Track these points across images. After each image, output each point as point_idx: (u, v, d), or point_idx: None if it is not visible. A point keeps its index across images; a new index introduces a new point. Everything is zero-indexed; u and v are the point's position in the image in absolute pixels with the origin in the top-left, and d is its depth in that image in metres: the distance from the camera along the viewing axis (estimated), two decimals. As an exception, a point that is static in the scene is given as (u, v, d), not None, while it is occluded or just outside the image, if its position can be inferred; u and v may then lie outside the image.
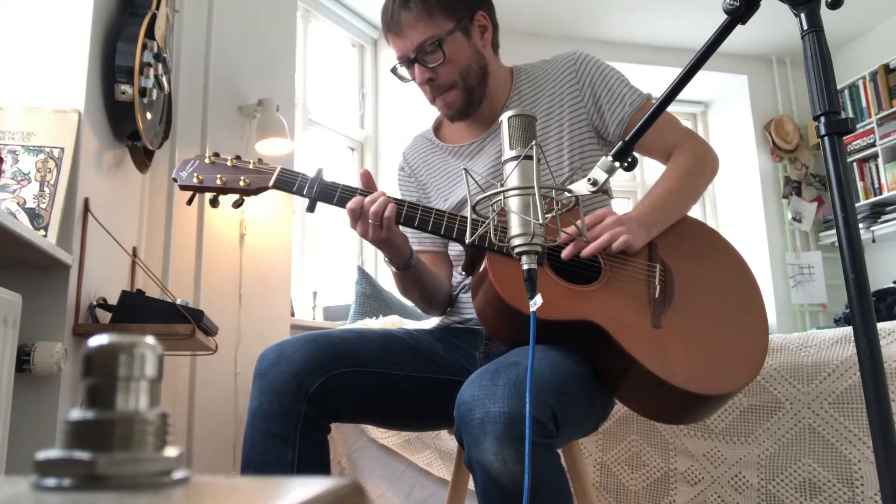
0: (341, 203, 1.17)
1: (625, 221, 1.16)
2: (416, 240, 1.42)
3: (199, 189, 1.21)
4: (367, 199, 1.16)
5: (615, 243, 1.12)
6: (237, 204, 1.22)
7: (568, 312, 1.07)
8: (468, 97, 1.32)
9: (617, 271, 1.16)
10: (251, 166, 1.22)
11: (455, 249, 1.39)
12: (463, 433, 0.94)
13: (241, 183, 1.19)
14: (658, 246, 1.21)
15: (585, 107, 1.32)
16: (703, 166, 1.32)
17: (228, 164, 1.23)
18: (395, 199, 1.18)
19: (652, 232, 1.20)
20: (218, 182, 1.19)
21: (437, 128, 1.49)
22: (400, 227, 1.20)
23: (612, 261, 1.16)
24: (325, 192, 1.18)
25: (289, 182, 1.19)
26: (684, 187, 1.28)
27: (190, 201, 1.24)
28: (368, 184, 1.21)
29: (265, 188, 1.20)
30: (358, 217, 1.16)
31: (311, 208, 1.20)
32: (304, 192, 1.18)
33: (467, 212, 1.31)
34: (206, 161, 1.23)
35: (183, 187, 1.21)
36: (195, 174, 1.21)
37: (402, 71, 1.33)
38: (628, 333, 1.07)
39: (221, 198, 1.23)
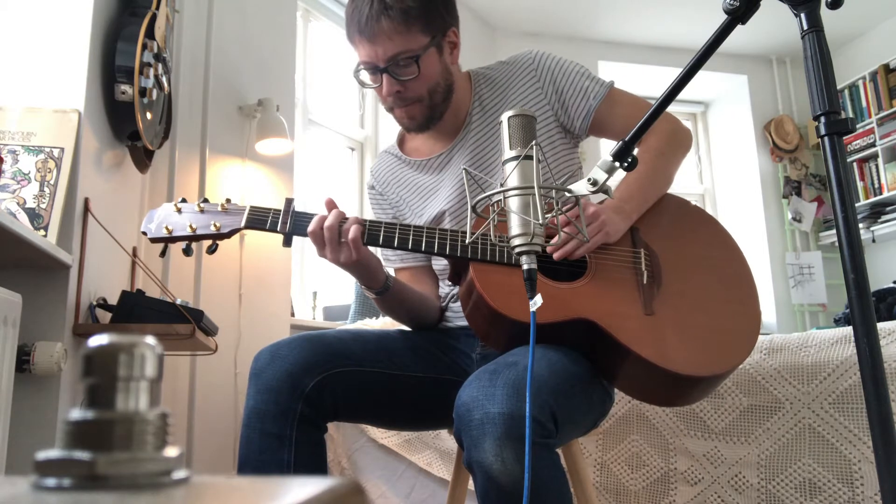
0: None
1: (600, 214, 1.14)
2: (398, 258, 1.40)
3: (169, 240, 1.18)
4: (330, 219, 1.12)
5: (584, 248, 1.12)
6: (211, 250, 1.18)
7: (561, 313, 1.08)
8: (431, 112, 1.28)
9: (602, 262, 1.16)
10: (220, 209, 1.18)
11: (439, 263, 1.37)
12: (462, 434, 0.94)
13: (213, 228, 1.15)
14: (640, 230, 1.21)
15: (550, 104, 1.30)
16: (675, 145, 1.31)
17: (196, 209, 1.18)
18: (370, 220, 1.15)
19: (632, 217, 1.20)
20: (188, 230, 1.16)
21: (402, 142, 1.44)
22: (380, 248, 1.18)
23: (596, 253, 1.16)
24: (299, 226, 1.14)
25: (260, 220, 1.16)
26: (658, 169, 1.27)
27: (163, 253, 1.20)
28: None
29: (238, 229, 1.16)
30: (322, 241, 1.12)
31: (287, 243, 1.16)
32: (278, 229, 1.15)
33: (446, 224, 1.31)
34: (173, 209, 1.19)
35: (154, 240, 1.18)
36: (164, 225, 1.17)
37: (364, 76, 1.27)
38: (622, 325, 1.08)
39: (195, 244, 1.19)
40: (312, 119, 3.32)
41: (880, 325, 1.31)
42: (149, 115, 1.81)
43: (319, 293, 3.10)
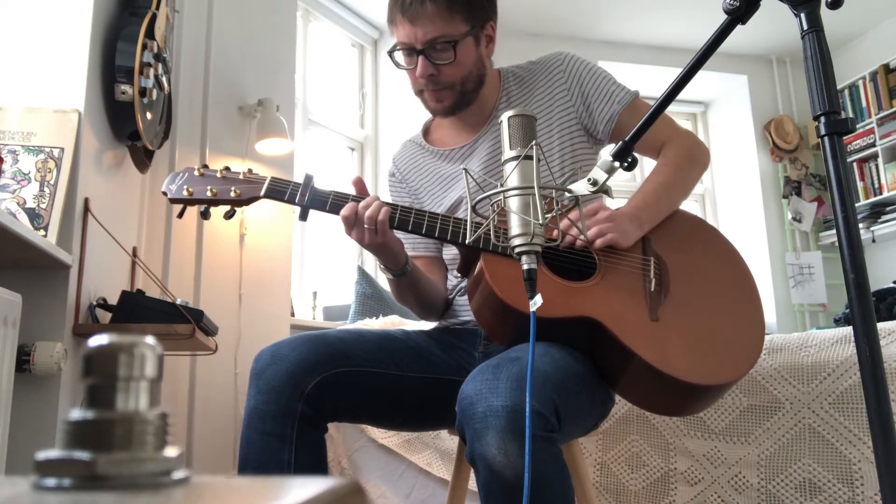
0: (334, 210, 1.17)
1: (615, 217, 1.16)
2: (410, 245, 1.41)
3: (189, 202, 1.19)
4: (361, 204, 1.15)
5: (599, 240, 1.14)
6: (228, 215, 1.20)
7: (566, 309, 1.08)
8: (460, 100, 1.31)
9: (612, 267, 1.16)
10: (241, 176, 1.21)
11: (450, 253, 1.38)
12: (465, 427, 0.94)
13: (232, 194, 1.18)
14: (651, 240, 1.22)
15: (575, 106, 1.33)
16: (693, 160, 1.33)
17: (218, 175, 1.21)
18: (388, 203, 1.17)
19: (644, 227, 1.21)
20: (208, 194, 1.18)
21: (427, 132, 1.48)
22: (394, 231, 1.19)
23: (606, 256, 1.17)
24: (316, 200, 1.17)
25: (280, 191, 1.19)
26: (675, 182, 1.28)
27: (181, 214, 1.22)
28: (362, 191, 1.20)
29: (256, 198, 1.19)
30: (353, 223, 1.15)
31: (303, 216, 1.19)
32: (296, 201, 1.18)
33: (462, 213, 1.32)
34: (196, 173, 1.21)
35: (173, 200, 1.20)
36: (185, 187, 1.19)
37: (399, 56, 1.30)
38: (627, 328, 1.08)
39: (213, 209, 1.22)
40: (312, 119, 3.32)
41: (880, 325, 1.31)
42: (149, 115, 1.81)
43: (319, 293, 3.10)
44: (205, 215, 1.21)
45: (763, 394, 1.44)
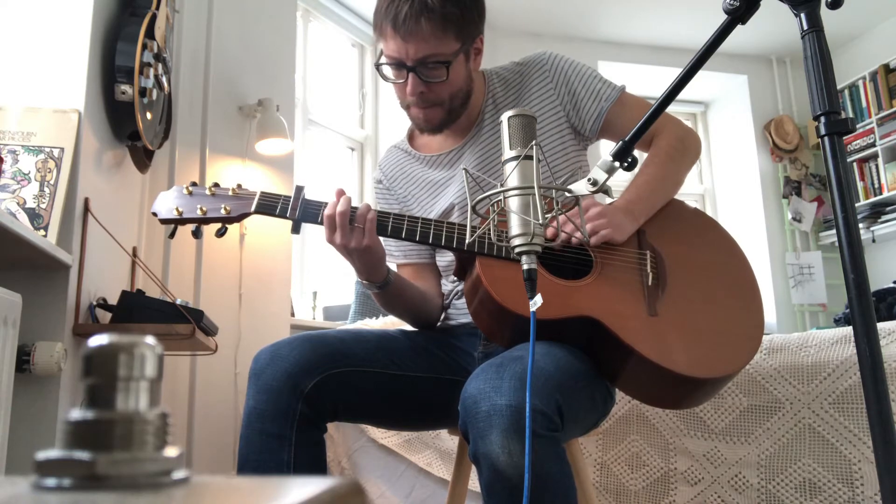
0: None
1: (607, 213, 1.15)
2: (401, 253, 1.40)
3: (179, 222, 1.18)
4: (342, 203, 1.13)
5: (593, 238, 1.13)
6: (220, 233, 1.19)
7: (565, 310, 1.08)
8: (448, 117, 1.29)
9: (608, 262, 1.16)
10: (231, 193, 1.19)
11: (444, 260, 1.37)
12: (469, 426, 0.93)
13: (223, 211, 1.17)
14: (646, 232, 1.21)
15: (562, 105, 1.31)
16: (684, 150, 1.31)
17: (207, 192, 1.20)
18: (379, 210, 1.16)
19: (639, 220, 1.21)
20: (198, 212, 1.17)
21: (412, 137, 1.45)
22: (384, 239, 1.18)
23: (602, 253, 1.17)
24: (308, 212, 1.16)
25: (271, 206, 1.17)
26: (667, 173, 1.28)
27: (172, 235, 1.21)
28: None
29: (247, 214, 1.18)
30: (335, 226, 1.14)
31: (295, 230, 1.17)
32: (288, 215, 1.16)
33: (454, 218, 1.32)
34: (184, 192, 1.20)
35: (164, 221, 1.19)
36: (175, 207, 1.18)
37: (387, 70, 1.26)
38: (625, 324, 1.08)
39: (204, 227, 1.20)
40: (312, 119, 3.32)
41: (880, 325, 1.32)
42: (149, 115, 1.81)
43: (319, 293, 3.10)
44: (196, 234, 1.19)
45: (763, 394, 1.44)
